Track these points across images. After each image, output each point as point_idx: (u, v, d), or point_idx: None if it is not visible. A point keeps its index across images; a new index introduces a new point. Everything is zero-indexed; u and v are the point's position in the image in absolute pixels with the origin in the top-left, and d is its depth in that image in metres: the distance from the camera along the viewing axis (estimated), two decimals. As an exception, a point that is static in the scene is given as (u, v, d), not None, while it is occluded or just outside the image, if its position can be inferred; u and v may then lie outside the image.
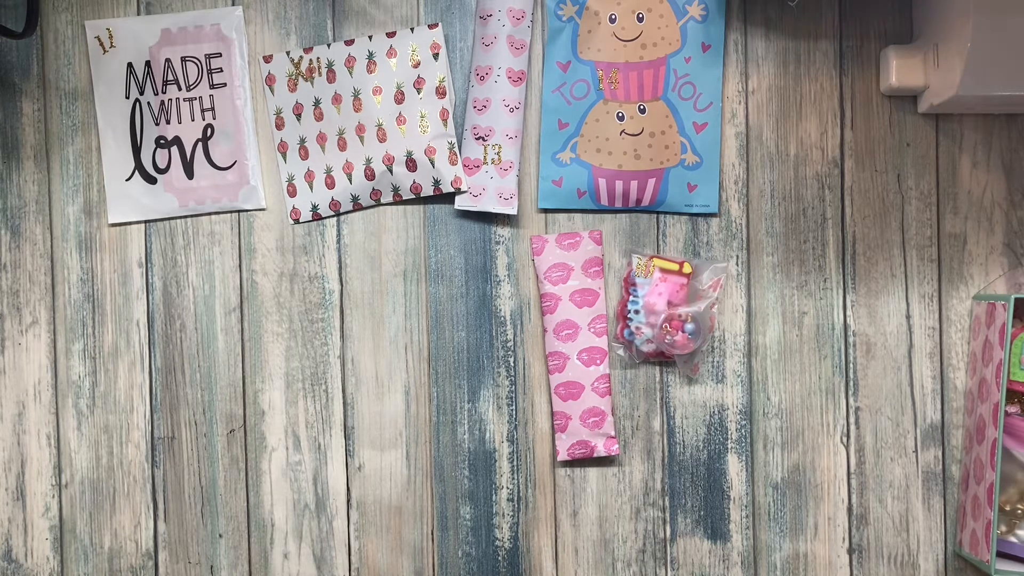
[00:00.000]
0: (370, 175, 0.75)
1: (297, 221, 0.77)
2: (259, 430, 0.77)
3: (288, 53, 0.77)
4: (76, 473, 0.77)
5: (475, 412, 0.77)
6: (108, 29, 0.77)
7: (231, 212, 0.77)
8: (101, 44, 0.77)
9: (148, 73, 0.77)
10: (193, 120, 0.77)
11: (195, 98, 0.77)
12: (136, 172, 0.77)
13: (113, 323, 0.77)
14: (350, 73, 0.75)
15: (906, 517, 0.76)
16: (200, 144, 0.77)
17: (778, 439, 0.76)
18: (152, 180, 0.77)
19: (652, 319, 0.74)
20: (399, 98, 0.75)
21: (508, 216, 0.76)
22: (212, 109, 0.77)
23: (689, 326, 0.73)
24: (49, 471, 0.77)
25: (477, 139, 0.75)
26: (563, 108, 0.76)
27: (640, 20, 0.75)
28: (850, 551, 0.76)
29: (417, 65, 0.75)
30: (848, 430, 0.76)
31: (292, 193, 0.77)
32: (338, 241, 0.77)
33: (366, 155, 0.75)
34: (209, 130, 0.77)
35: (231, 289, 0.77)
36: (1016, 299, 0.70)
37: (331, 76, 0.76)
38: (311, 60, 0.76)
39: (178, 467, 0.77)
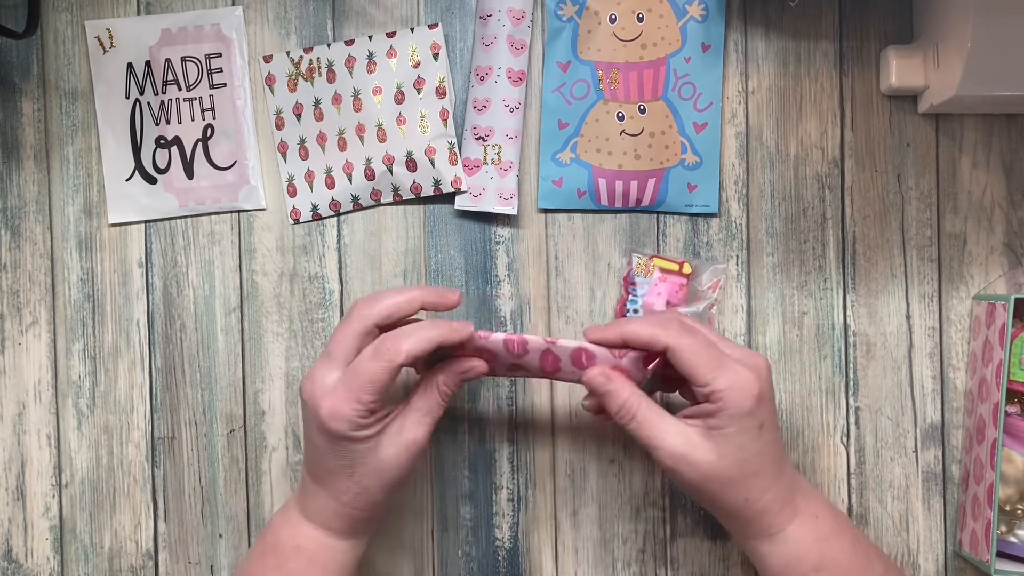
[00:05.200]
0: (370, 175, 0.75)
1: (297, 221, 0.77)
2: (259, 430, 0.77)
3: (288, 53, 0.77)
4: (76, 473, 0.77)
5: (475, 412, 0.77)
6: (108, 29, 0.77)
7: (231, 212, 0.77)
8: (101, 44, 0.77)
9: (148, 73, 0.77)
10: (193, 120, 0.77)
11: (195, 98, 0.77)
12: (136, 172, 0.77)
13: (113, 323, 0.77)
14: (350, 73, 0.75)
15: (906, 517, 0.76)
16: (200, 144, 0.77)
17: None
18: (152, 180, 0.77)
19: (652, 319, 0.74)
20: (399, 98, 0.75)
21: (508, 216, 0.76)
22: (212, 109, 0.77)
23: (689, 326, 0.73)
24: (49, 471, 0.77)
25: (477, 139, 0.75)
26: (563, 108, 0.76)
27: (640, 20, 0.75)
28: (850, 551, 0.76)
29: (417, 65, 0.75)
30: (848, 430, 0.76)
31: (292, 193, 0.77)
32: (338, 241, 0.77)
33: (366, 155, 0.75)
34: (209, 130, 0.77)
35: (231, 289, 0.77)
36: (1016, 299, 0.70)
37: (331, 76, 0.76)
38: (311, 60, 0.76)
39: (178, 467, 0.77)
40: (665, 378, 0.68)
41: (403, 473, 0.64)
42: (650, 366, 0.63)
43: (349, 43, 0.76)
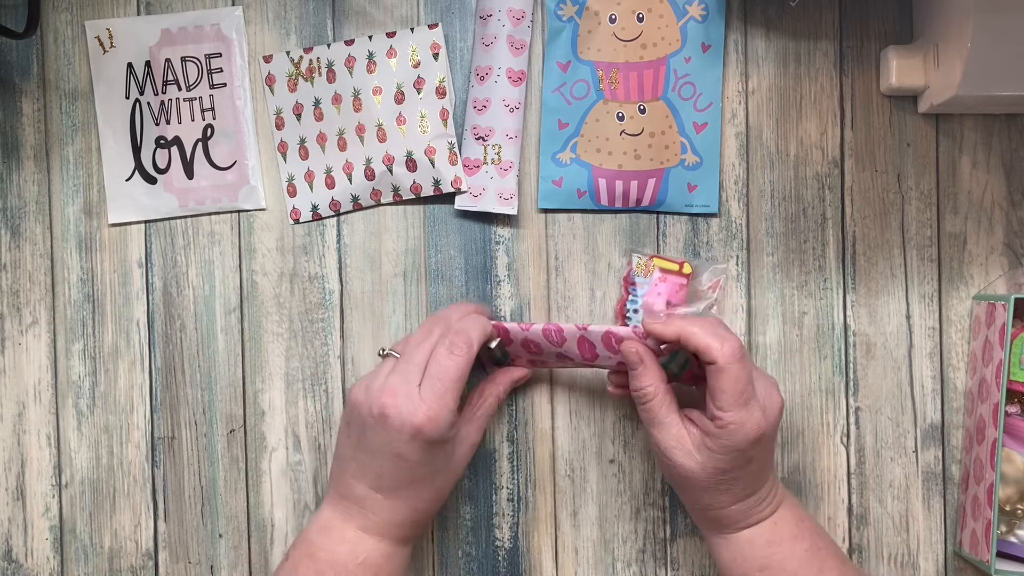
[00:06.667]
0: (370, 175, 0.75)
1: (297, 221, 0.77)
2: (259, 430, 0.77)
3: (288, 53, 0.77)
4: (76, 473, 0.77)
5: (475, 412, 0.77)
6: (108, 29, 0.77)
7: (231, 212, 0.77)
8: (101, 44, 0.77)
9: (148, 73, 0.77)
10: (193, 120, 0.77)
11: (195, 98, 0.77)
12: (136, 172, 0.77)
13: (113, 323, 0.77)
14: (350, 73, 0.75)
15: (906, 517, 0.76)
16: (200, 144, 0.77)
17: (778, 439, 0.76)
18: (152, 180, 0.77)
19: (652, 319, 0.74)
20: (399, 98, 0.75)
21: (508, 216, 0.76)
22: (212, 109, 0.77)
23: (689, 326, 0.73)
24: (49, 471, 0.77)
25: (477, 139, 0.75)
26: (563, 108, 0.76)
27: (640, 20, 0.75)
28: (850, 551, 0.76)
29: (417, 65, 0.75)
30: (848, 430, 0.76)
31: (292, 193, 0.77)
32: (338, 241, 0.77)
33: (366, 155, 0.75)
34: (209, 130, 0.77)
35: (231, 289, 0.77)
36: (1016, 299, 0.70)
37: (331, 76, 0.76)
38: (311, 60, 0.76)
39: (178, 467, 0.77)
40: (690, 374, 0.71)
41: (464, 473, 0.71)
42: (663, 346, 0.67)
43: (349, 43, 0.76)
